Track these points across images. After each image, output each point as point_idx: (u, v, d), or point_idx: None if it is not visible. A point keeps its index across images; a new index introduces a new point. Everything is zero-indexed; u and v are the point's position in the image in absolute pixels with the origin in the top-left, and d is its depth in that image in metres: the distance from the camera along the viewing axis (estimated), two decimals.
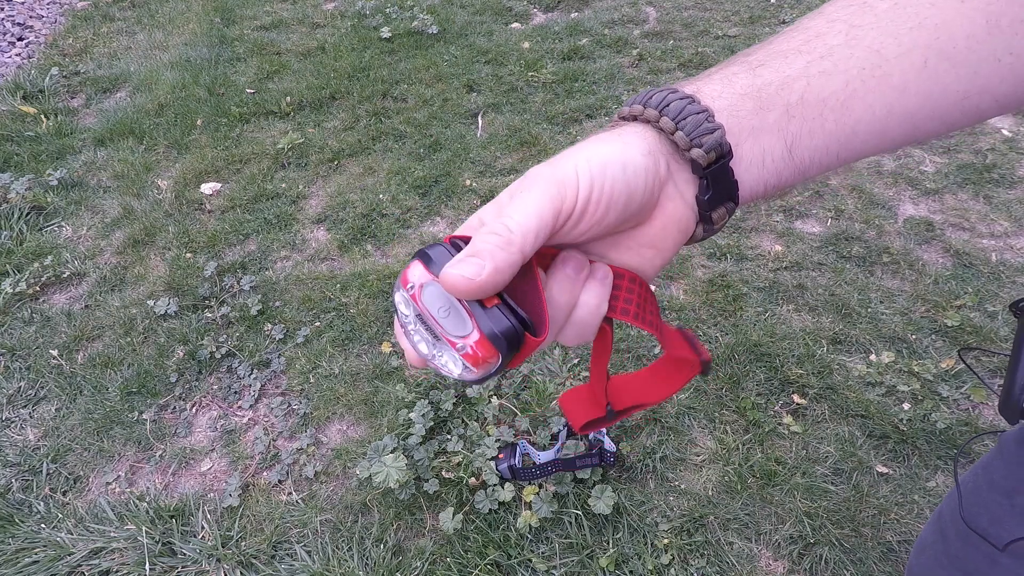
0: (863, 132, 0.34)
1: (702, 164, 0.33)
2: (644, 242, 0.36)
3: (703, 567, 1.28)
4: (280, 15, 3.56)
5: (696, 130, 0.33)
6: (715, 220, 0.36)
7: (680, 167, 0.35)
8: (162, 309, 1.90)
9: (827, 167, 0.36)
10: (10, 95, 2.91)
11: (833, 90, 0.33)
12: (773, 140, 0.34)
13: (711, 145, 0.33)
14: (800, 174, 0.36)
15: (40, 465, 1.57)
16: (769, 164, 0.35)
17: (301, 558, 1.35)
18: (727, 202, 0.35)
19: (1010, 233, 1.91)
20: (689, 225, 0.36)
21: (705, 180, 0.34)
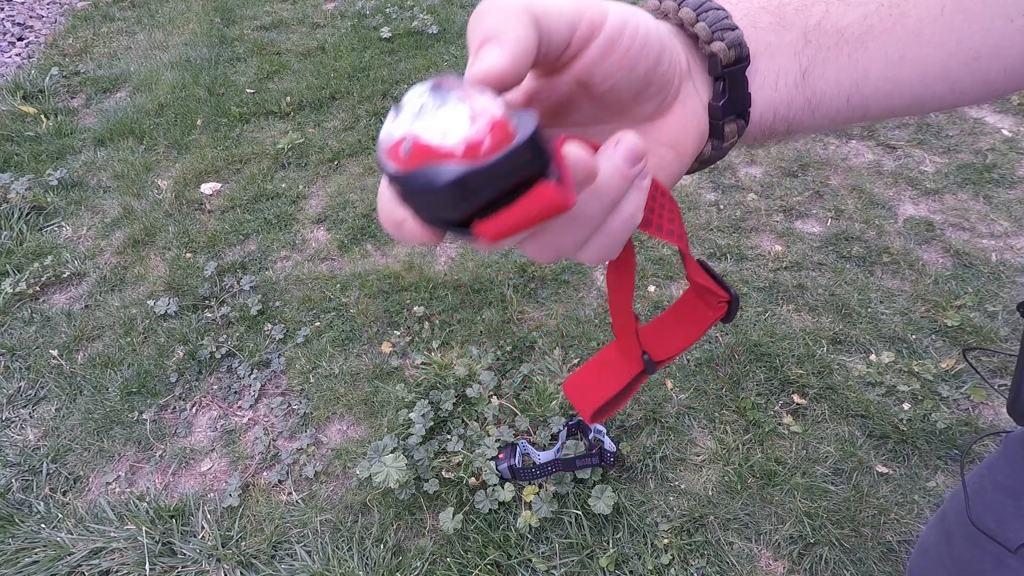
0: (875, 76, 0.33)
1: (721, 61, 0.32)
2: (664, 139, 0.33)
3: (703, 567, 1.28)
4: (280, 15, 3.56)
5: (718, 23, 0.32)
6: (726, 135, 0.34)
7: (697, 67, 0.33)
8: (162, 309, 1.90)
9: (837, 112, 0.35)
10: (10, 95, 2.91)
11: (851, 20, 0.33)
12: (788, 61, 0.34)
13: (732, 41, 0.32)
14: (810, 110, 0.35)
15: (40, 465, 1.57)
16: (782, 87, 0.34)
17: (301, 558, 1.35)
18: (738, 118, 0.34)
19: (1010, 233, 1.91)
20: (705, 130, 0.34)
21: (722, 81, 0.33)
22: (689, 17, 0.32)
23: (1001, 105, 2.38)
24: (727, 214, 2.07)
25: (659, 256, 1.94)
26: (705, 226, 2.03)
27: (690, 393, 1.57)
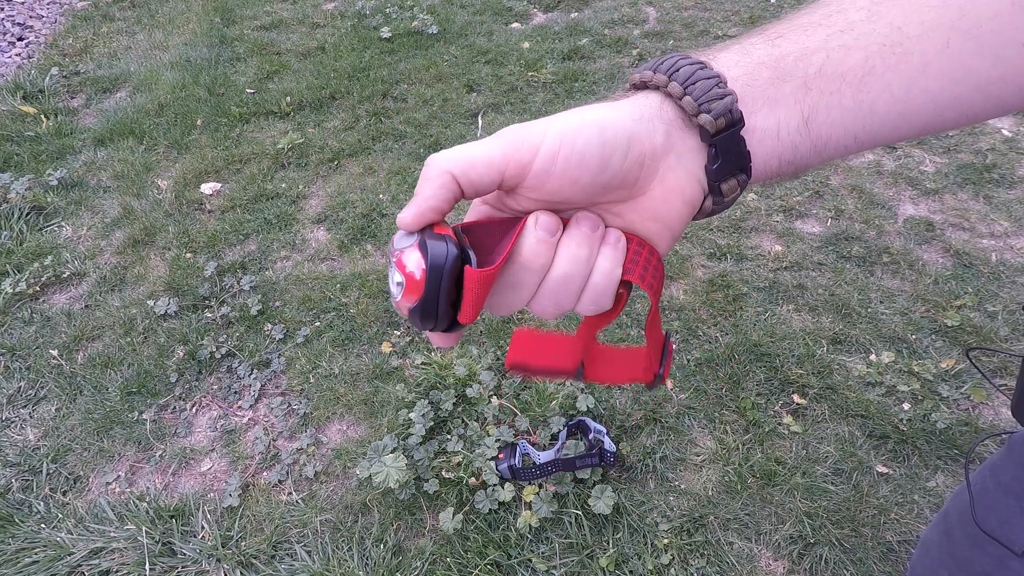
0: (882, 112, 0.33)
1: (710, 131, 0.33)
2: (647, 215, 0.35)
3: (703, 567, 1.28)
4: (280, 15, 3.56)
5: (705, 95, 0.32)
6: (725, 192, 0.35)
7: (686, 135, 0.34)
8: (162, 309, 1.90)
9: (845, 148, 0.35)
10: (10, 95, 2.91)
11: (851, 65, 0.33)
12: (789, 111, 0.34)
13: (720, 111, 0.32)
14: (817, 152, 0.35)
15: (40, 465, 1.57)
16: (784, 136, 0.34)
17: (301, 558, 1.35)
18: (738, 174, 0.34)
19: (1010, 233, 1.91)
20: (695, 197, 0.35)
21: (714, 148, 0.33)
22: (677, 92, 0.33)
23: None
24: (727, 214, 2.07)
25: None
26: (705, 226, 2.03)
27: (690, 393, 1.57)
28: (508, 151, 0.32)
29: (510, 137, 0.33)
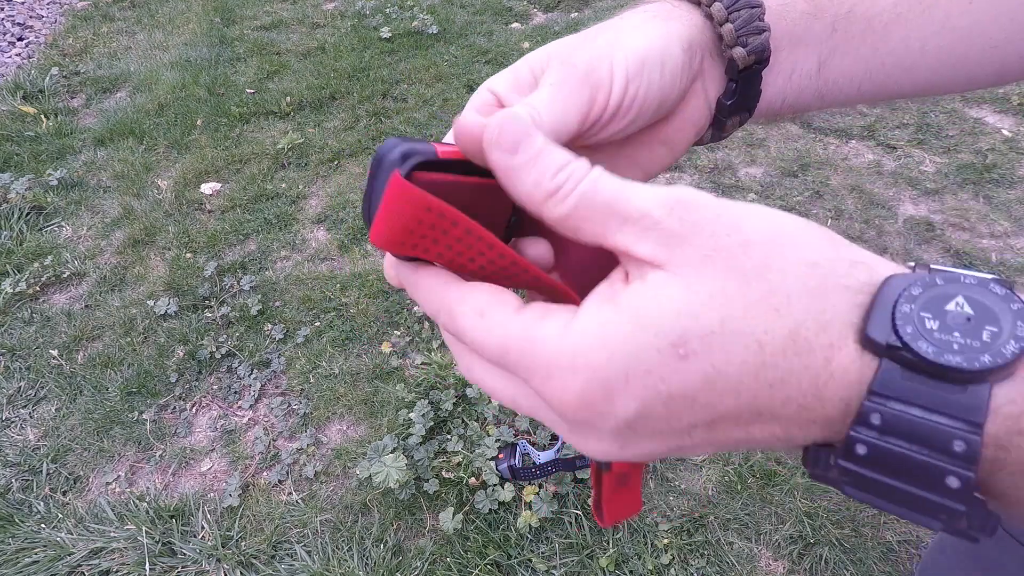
0: (891, 64, 0.33)
1: (739, 66, 0.31)
2: (659, 138, 0.33)
3: (703, 567, 1.28)
4: (280, 15, 3.56)
5: (746, 27, 0.30)
6: (727, 128, 0.34)
7: (713, 64, 0.32)
8: (162, 309, 1.90)
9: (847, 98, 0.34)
10: (10, 95, 2.91)
11: (882, 8, 0.32)
12: (808, 54, 0.33)
13: (756, 47, 0.30)
14: (819, 98, 0.34)
15: (40, 465, 1.57)
16: (795, 79, 0.33)
17: (301, 558, 1.35)
18: (743, 111, 0.33)
19: (1010, 233, 1.91)
20: (704, 125, 0.34)
21: (735, 84, 0.32)
22: (720, 15, 0.30)
23: (1001, 105, 2.38)
24: None
25: None
26: None
27: None
28: (583, 108, 0.27)
29: (580, 88, 0.27)
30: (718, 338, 0.21)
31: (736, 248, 0.21)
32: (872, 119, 2.39)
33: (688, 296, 0.21)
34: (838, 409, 0.21)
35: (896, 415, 0.20)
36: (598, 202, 0.23)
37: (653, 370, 0.21)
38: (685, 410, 0.21)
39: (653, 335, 0.21)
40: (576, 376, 0.21)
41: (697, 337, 0.21)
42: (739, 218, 0.22)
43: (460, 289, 0.25)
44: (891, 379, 0.20)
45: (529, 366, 0.22)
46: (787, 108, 0.34)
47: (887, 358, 0.20)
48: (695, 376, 0.21)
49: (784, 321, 0.20)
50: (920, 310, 0.20)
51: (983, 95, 2.44)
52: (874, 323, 0.20)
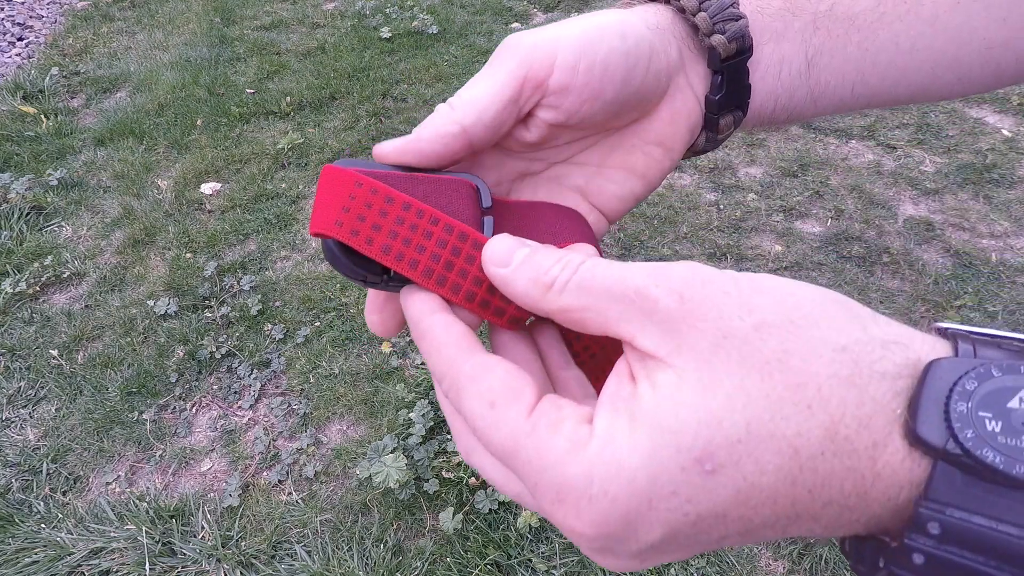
0: (883, 64, 0.32)
1: (721, 54, 0.30)
2: (651, 139, 0.32)
3: (703, 567, 1.28)
4: (280, 15, 3.56)
5: (720, 14, 0.29)
6: (721, 128, 0.32)
7: (694, 58, 0.31)
8: (162, 309, 1.90)
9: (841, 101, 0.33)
10: (10, 95, 2.91)
11: (864, 7, 0.31)
12: (794, 50, 0.32)
13: (734, 33, 0.29)
14: (812, 101, 0.33)
15: (40, 465, 1.57)
16: (785, 77, 0.32)
17: (301, 558, 1.35)
18: (735, 110, 0.32)
19: (1010, 233, 1.91)
20: (697, 124, 0.33)
21: (720, 76, 0.31)
22: (691, 6, 0.30)
23: (1001, 105, 2.38)
24: (727, 214, 2.07)
25: (659, 256, 1.94)
26: (705, 226, 2.03)
27: None
28: (517, 73, 0.27)
29: (516, 54, 0.28)
30: (746, 446, 0.19)
31: (750, 333, 0.19)
32: (872, 119, 2.39)
33: (706, 401, 0.19)
34: (886, 509, 0.19)
35: (959, 524, 0.18)
36: (596, 288, 0.22)
37: (679, 491, 0.19)
38: (716, 527, 0.20)
39: (675, 451, 0.19)
40: (592, 504, 0.19)
41: (723, 448, 0.19)
42: (750, 295, 0.20)
43: (474, 363, 0.24)
44: (950, 485, 0.18)
45: (537, 483, 0.21)
46: (781, 111, 0.33)
47: (944, 461, 0.18)
48: (725, 492, 0.19)
49: (819, 419, 0.18)
50: (978, 408, 0.18)
51: (983, 95, 2.44)
52: (924, 421, 0.18)
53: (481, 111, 0.27)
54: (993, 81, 0.33)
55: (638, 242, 1.97)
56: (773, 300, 0.20)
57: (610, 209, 0.33)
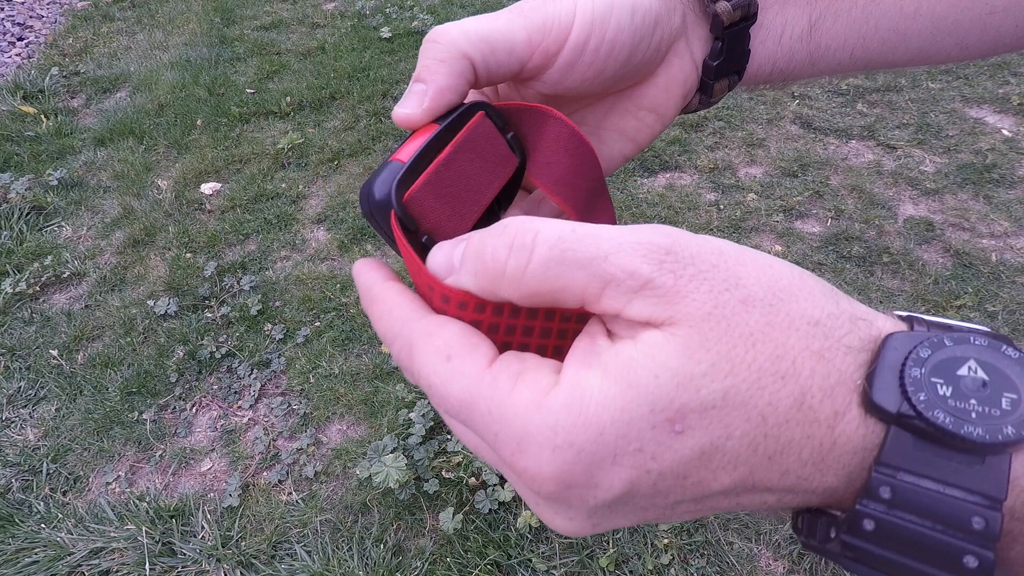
0: (885, 29, 0.32)
1: (724, 22, 0.29)
2: (645, 104, 0.32)
3: (703, 567, 1.28)
4: (280, 15, 3.56)
5: None
6: (716, 92, 0.32)
7: (697, 22, 0.31)
8: (162, 309, 1.90)
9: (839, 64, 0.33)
10: (10, 95, 2.91)
11: None
12: (798, 13, 0.31)
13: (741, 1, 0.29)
14: (811, 64, 0.33)
15: (40, 465, 1.57)
16: (786, 41, 0.32)
17: (301, 558, 1.35)
18: (732, 74, 0.32)
19: (1010, 233, 1.91)
20: (692, 89, 0.32)
21: (721, 42, 0.30)
22: None
23: (1001, 105, 2.38)
24: (727, 214, 2.07)
25: None
26: (705, 226, 2.03)
27: None
28: (534, 36, 0.27)
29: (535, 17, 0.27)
30: (719, 412, 0.19)
31: (738, 306, 0.19)
32: (872, 119, 2.39)
33: (689, 365, 0.19)
34: (840, 479, 0.19)
35: (908, 488, 0.18)
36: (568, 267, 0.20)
37: (645, 448, 0.19)
38: (674, 488, 0.20)
39: (648, 409, 0.19)
40: (555, 454, 0.19)
41: (696, 412, 0.19)
42: (736, 268, 0.20)
43: (427, 321, 0.22)
44: (902, 449, 0.18)
45: (498, 433, 0.20)
46: (778, 74, 0.33)
47: (896, 426, 0.19)
48: (689, 453, 0.19)
49: (789, 389, 0.19)
50: (931, 375, 0.19)
51: (983, 95, 2.44)
52: (880, 388, 0.19)
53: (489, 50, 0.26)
54: (991, 48, 0.33)
55: None
56: (756, 273, 0.20)
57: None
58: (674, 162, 2.28)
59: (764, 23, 0.31)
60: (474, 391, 0.21)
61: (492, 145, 0.28)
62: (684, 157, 2.30)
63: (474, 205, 0.28)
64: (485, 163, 0.28)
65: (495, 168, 0.29)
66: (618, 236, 0.20)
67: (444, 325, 0.22)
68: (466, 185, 0.27)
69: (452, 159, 0.27)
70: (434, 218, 0.27)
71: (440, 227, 0.27)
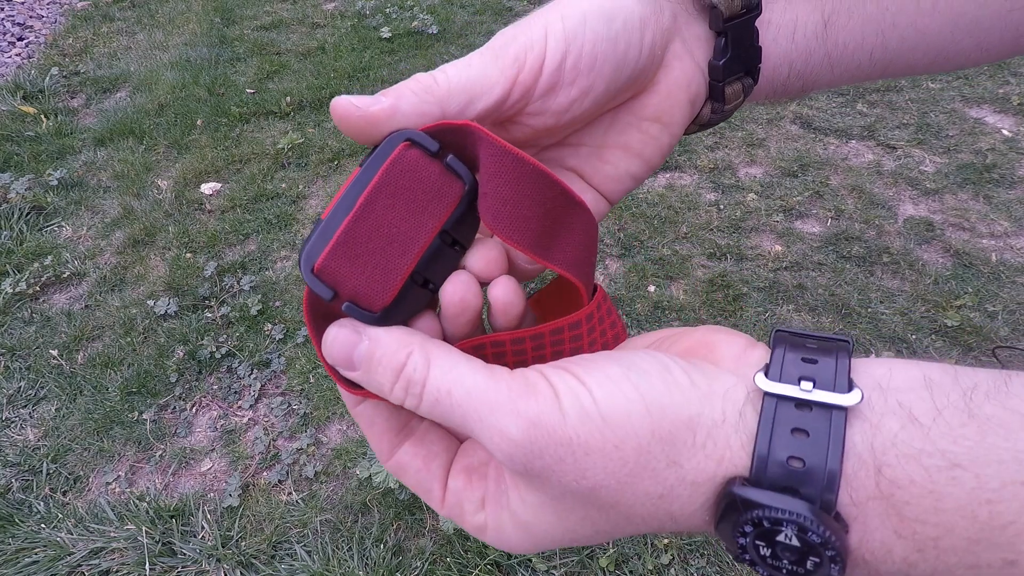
0: (903, 26, 0.30)
1: (723, 13, 0.27)
2: (648, 114, 0.29)
3: (703, 567, 1.28)
4: (280, 15, 3.56)
5: None
6: (728, 97, 0.29)
7: (692, 20, 0.28)
8: (162, 309, 1.90)
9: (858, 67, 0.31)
10: (10, 95, 2.91)
11: None
12: (808, 9, 0.29)
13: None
14: (829, 65, 0.31)
15: (40, 465, 1.57)
16: (800, 39, 0.29)
17: (301, 558, 1.35)
18: (744, 76, 0.29)
19: (1010, 233, 1.91)
20: (699, 94, 0.30)
21: (723, 38, 0.28)
22: None
23: (1001, 105, 2.38)
24: (727, 214, 2.07)
25: (659, 256, 1.94)
26: (705, 226, 2.03)
27: None
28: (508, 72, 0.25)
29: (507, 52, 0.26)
30: (592, 539, 0.25)
31: (587, 493, 0.23)
32: (872, 119, 2.39)
33: (563, 522, 0.24)
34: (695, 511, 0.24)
35: None
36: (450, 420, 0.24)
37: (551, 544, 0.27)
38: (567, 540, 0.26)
39: (548, 544, 0.26)
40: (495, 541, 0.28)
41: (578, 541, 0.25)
42: (583, 460, 0.22)
43: (391, 465, 0.29)
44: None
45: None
46: (796, 77, 0.31)
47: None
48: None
49: (643, 528, 0.24)
50: (754, 539, 0.22)
51: (983, 95, 2.44)
52: (723, 533, 0.23)
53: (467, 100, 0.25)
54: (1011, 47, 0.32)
55: (638, 242, 1.97)
56: (602, 463, 0.22)
57: (608, 190, 0.31)
58: (674, 162, 2.28)
59: (772, 19, 0.29)
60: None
61: (421, 177, 0.25)
62: (684, 157, 2.30)
63: (404, 254, 0.25)
64: (413, 201, 0.25)
65: (430, 203, 0.25)
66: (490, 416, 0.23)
67: (404, 471, 0.28)
68: (390, 233, 0.25)
69: (367, 207, 0.24)
70: (354, 281, 0.24)
71: (362, 290, 0.25)
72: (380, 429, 0.27)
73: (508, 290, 0.27)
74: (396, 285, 0.25)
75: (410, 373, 0.24)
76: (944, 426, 0.19)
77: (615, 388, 0.22)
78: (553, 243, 0.26)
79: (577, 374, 0.23)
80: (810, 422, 0.21)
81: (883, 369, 0.22)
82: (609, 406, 0.22)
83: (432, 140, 0.25)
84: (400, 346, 0.24)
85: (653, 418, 0.22)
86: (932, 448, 0.19)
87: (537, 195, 0.25)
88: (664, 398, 0.22)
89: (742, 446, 0.22)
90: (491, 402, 0.22)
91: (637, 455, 0.22)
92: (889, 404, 0.21)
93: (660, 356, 0.24)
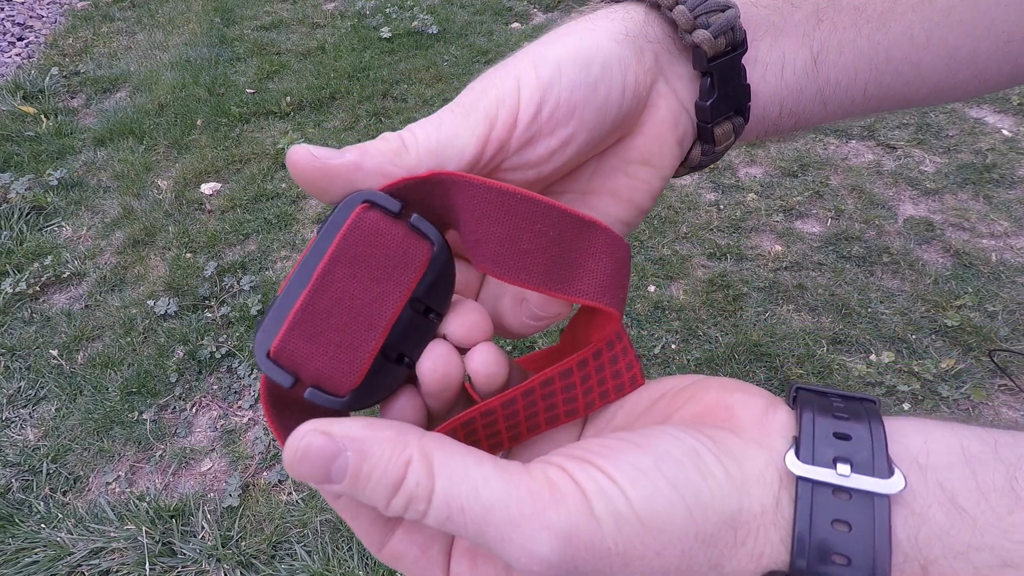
0: (897, 60, 0.29)
1: (707, 53, 0.26)
2: (634, 157, 0.28)
3: None
4: (280, 15, 3.56)
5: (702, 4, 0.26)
6: (718, 138, 0.28)
7: (675, 59, 0.27)
8: (162, 309, 1.90)
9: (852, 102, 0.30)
10: (10, 95, 2.91)
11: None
12: (796, 46, 0.28)
13: (721, 26, 0.26)
14: (822, 102, 0.30)
15: (40, 465, 1.57)
16: (790, 75, 0.29)
17: (301, 558, 1.35)
18: (734, 116, 0.28)
19: (1010, 233, 1.91)
20: (687, 134, 0.29)
21: (709, 77, 0.27)
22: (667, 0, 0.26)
23: (1001, 105, 2.38)
24: (727, 214, 2.07)
25: (659, 256, 1.94)
26: (705, 226, 2.03)
27: None
28: (480, 131, 0.24)
29: (478, 109, 0.24)
30: None
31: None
32: (872, 119, 2.39)
33: None
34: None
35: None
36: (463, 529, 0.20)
37: None
38: None
39: None
40: None
41: None
42: (619, 572, 0.20)
43: (383, 556, 0.25)
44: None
45: None
46: (788, 116, 0.30)
47: None
48: None
49: None
50: None
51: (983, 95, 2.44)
52: None
53: (436, 162, 0.24)
54: (1009, 79, 0.31)
55: (638, 242, 1.97)
56: (642, 571, 0.20)
57: None
58: None
59: (759, 57, 0.28)
60: None
61: (383, 241, 0.23)
62: None
63: (371, 328, 0.23)
64: (376, 268, 0.23)
65: (395, 269, 0.23)
66: (513, 533, 0.20)
67: (399, 560, 0.24)
68: (353, 306, 0.23)
69: (325, 279, 0.22)
70: (317, 363, 0.22)
71: (326, 373, 0.22)
72: (367, 520, 0.24)
73: (488, 360, 0.25)
74: (365, 364, 0.23)
75: (411, 488, 0.20)
76: (991, 515, 0.18)
77: (650, 485, 0.20)
78: (572, 272, 0.24)
79: (604, 468, 0.21)
80: (851, 513, 0.19)
81: (919, 439, 0.21)
82: (647, 509, 0.20)
83: (393, 200, 0.23)
84: (394, 454, 0.20)
85: (695, 519, 0.20)
86: (980, 543, 0.18)
87: (534, 226, 0.23)
88: (704, 495, 0.20)
89: (781, 540, 0.20)
90: (513, 517, 0.20)
91: (679, 561, 0.20)
92: (931, 488, 0.19)
93: (686, 438, 0.22)
